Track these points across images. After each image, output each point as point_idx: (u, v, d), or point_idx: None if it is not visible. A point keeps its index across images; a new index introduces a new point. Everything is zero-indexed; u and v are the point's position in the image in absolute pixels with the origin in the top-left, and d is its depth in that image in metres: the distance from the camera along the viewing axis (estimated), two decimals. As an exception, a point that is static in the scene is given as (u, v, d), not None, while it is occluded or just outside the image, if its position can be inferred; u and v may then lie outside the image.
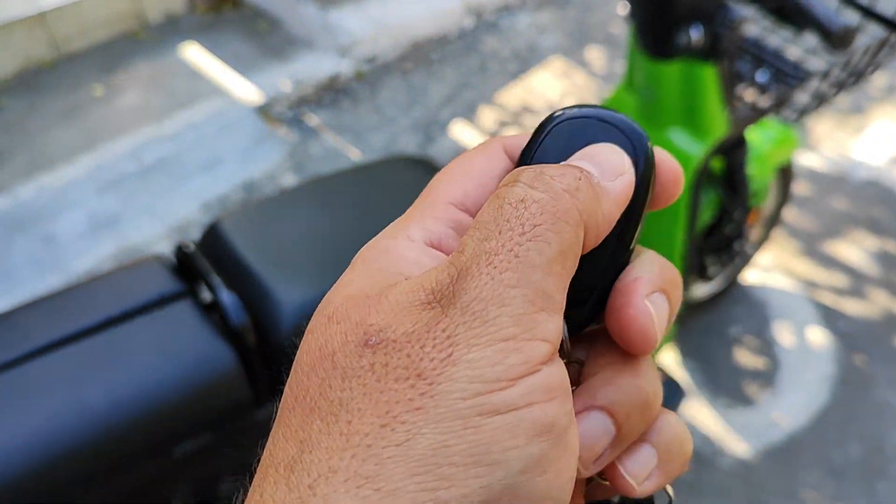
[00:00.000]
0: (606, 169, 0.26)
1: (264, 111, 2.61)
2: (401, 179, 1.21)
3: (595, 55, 2.92)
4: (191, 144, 2.48)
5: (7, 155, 2.43)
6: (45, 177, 2.35)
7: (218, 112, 2.56)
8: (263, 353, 1.01)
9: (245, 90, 2.65)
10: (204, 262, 1.05)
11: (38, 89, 2.67)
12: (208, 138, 2.50)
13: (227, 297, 0.99)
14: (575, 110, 0.28)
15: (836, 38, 1.03)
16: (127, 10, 2.90)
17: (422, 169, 1.23)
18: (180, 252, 1.09)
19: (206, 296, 1.03)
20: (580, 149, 0.27)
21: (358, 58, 2.80)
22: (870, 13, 1.19)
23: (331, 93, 2.74)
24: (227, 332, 0.98)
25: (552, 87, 2.77)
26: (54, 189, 2.31)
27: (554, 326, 0.24)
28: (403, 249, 0.26)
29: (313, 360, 0.24)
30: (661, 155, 0.28)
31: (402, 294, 0.24)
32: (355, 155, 2.50)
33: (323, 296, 0.26)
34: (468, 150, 0.29)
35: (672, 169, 0.29)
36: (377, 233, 0.27)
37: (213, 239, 1.11)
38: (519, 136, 0.30)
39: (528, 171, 0.25)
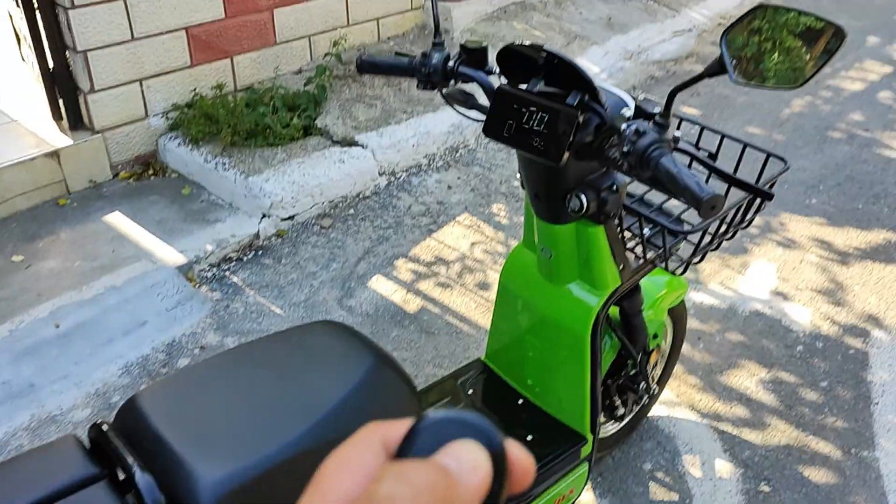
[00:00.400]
0: (465, 464, 0.31)
1: (187, 272, 2.68)
2: (321, 345, 1.27)
3: (500, 208, 3.14)
4: (112, 308, 2.50)
5: (-81, 326, 2.39)
6: (-42, 348, 2.32)
7: (140, 275, 2.61)
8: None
9: (168, 253, 2.72)
10: (119, 442, 1.04)
11: (-46, 259, 2.67)
12: (130, 301, 2.53)
13: (142, 479, 0.98)
14: (442, 413, 0.34)
15: (705, 208, 1.14)
16: (49, 178, 2.97)
17: (341, 334, 1.30)
18: (95, 431, 1.08)
19: (123, 476, 1.02)
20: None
21: (278, 217, 2.93)
22: (736, 182, 1.35)
23: (252, 252, 2.84)
24: None
25: (462, 239, 2.95)
26: (-32, 360, 2.27)
27: None
28: None
29: None
30: (514, 449, 0.33)
31: None
32: (277, 310, 2.57)
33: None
34: (349, 442, 0.33)
35: (523, 462, 0.33)
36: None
37: (130, 415, 1.10)
38: (396, 424, 0.34)
39: (394, 469, 0.30)
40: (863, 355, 2.45)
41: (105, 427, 1.08)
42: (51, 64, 2.98)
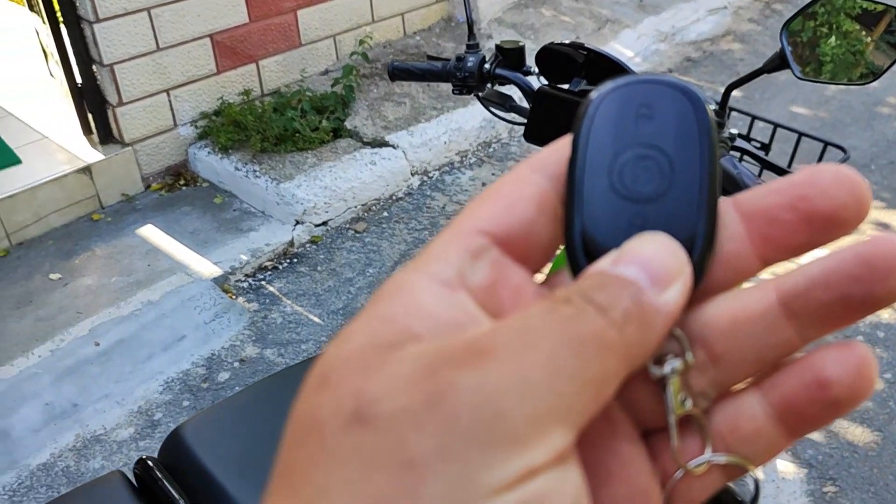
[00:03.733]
0: (657, 276, 0.23)
1: (223, 283, 2.64)
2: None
3: (539, 203, 3.06)
4: (150, 323, 2.48)
5: (-39, 350, 2.39)
6: None
7: (176, 288, 2.58)
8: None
9: (203, 264, 2.69)
10: (164, 479, 1.03)
11: (-8, 280, 2.67)
12: (167, 315, 2.51)
13: None
14: (621, 82, 0.25)
15: None
16: (82, 194, 2.96)
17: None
18: (141, 466, 1.07)
19: None
20: (639, 136, 0.24)
21: (312, 224, 2.89)
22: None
23: (287, 260, 2.80)
24: None
25: (502, 237, 2.87)
26: (8, 382, 2.27)
27: (566, 442, 0.21)
28: (420, 292, 0.23)
29: (302, 430, 0.22)
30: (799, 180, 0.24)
31: (406, 362, 0.21)
32: (315, 319, 2.53)
33: None
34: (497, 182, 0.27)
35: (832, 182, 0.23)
36: None
37: (174, 449, 1.09)
38: (551, 152, 0.26)
39: (592, 278, 0.23)
40: (928, 344, 2.33)
41: (150, 462, 1.07)
42: (78, 79, 2.96)
